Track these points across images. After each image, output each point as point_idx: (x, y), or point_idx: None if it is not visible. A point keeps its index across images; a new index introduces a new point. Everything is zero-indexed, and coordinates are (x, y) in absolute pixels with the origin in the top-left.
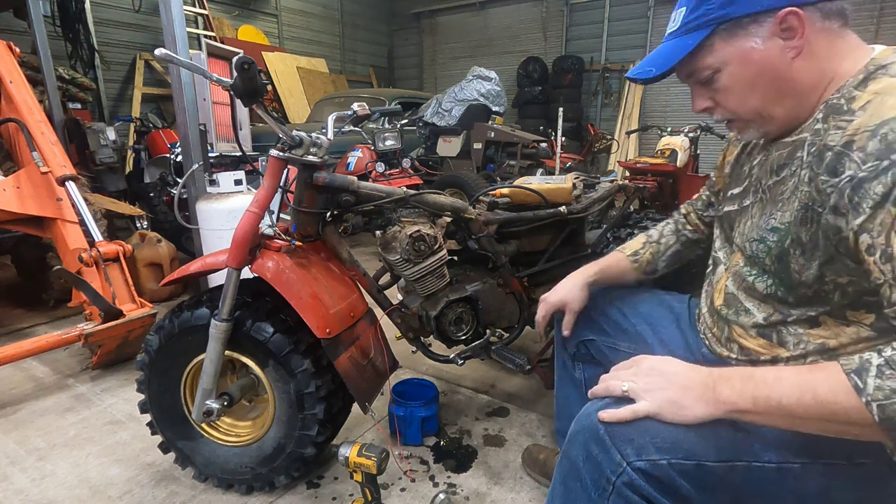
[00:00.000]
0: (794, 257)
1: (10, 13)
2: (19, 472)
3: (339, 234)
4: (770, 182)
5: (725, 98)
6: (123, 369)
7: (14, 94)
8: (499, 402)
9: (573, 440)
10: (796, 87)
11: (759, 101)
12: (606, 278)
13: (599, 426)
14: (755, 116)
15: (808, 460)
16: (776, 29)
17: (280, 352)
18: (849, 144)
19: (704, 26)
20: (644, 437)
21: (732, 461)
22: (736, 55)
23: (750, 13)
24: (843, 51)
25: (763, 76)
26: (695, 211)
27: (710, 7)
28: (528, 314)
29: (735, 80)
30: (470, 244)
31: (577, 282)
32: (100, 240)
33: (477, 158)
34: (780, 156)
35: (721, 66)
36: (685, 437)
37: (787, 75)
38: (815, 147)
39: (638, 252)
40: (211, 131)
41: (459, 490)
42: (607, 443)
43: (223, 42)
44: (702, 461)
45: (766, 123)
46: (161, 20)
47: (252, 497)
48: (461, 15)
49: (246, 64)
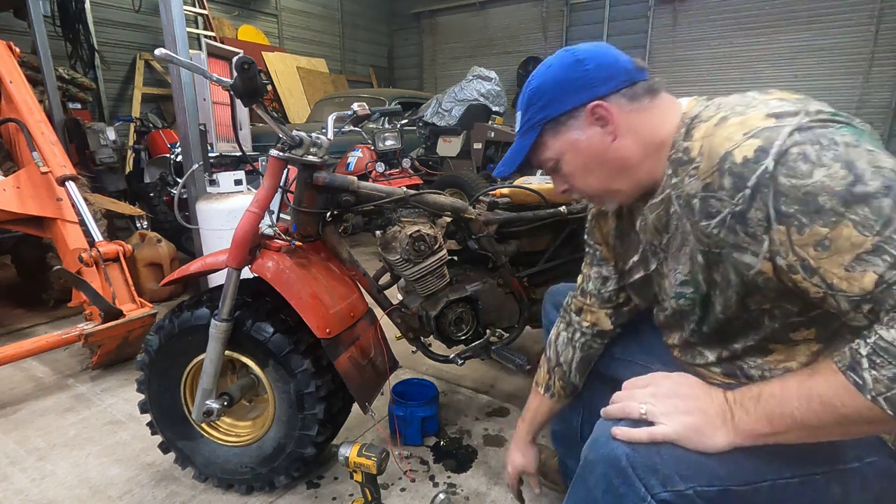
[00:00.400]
0: (715, 298)
1: (10, 13)
2: (19, 472)
3: (339, 234)
4: (663, 241)
5: (572, 182)
6: (123, 369)
7: (14, 94)
8: (499, 402)
9: (590, 468)
10: (627, 162)
11: (599, 181)
12: (542, 424)
13: (621, 456)
14: (602, 193)
15: (827, 468)
16: (591, 120)
17: (280, 352)
18: (708, 187)
19: (535, 127)
20: (668, 466)
21: (757, 482)
22: (566, 147)
23: (565, 111)
24: (661, 116)
25: (594, 160)
26: (590, 299)
27: (534, 111)
28: (529, 314)
29: (572, 167)
30: (470, 244)
31: (521, 447)
32: (100, 240)
33: (477, 158)
34: (657, 216)
35: (558, 157)
36: (708, 463)
37: (614, 155)
38: (681, 199)
39: (549, 385)
40: (211, 131)
41: (459, 490)
42: (630, 474)
43: (223, 42)
44: (727, 486)
45: (614, 196)
46: (161, 20)
47: (252, 497)
48: (461, 15)
49: (246, 64)
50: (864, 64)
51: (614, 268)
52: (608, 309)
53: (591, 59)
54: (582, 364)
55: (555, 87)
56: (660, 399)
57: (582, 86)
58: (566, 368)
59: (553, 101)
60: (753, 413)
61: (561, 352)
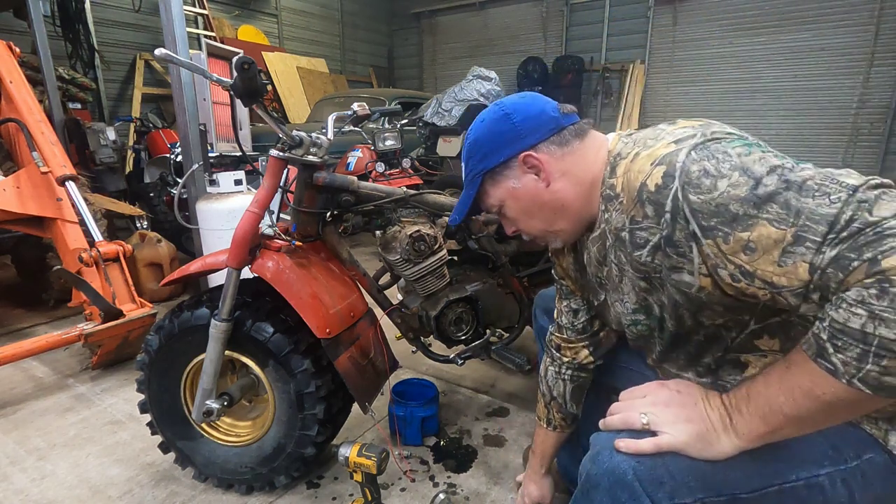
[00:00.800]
0: (667, 321)
1: (10, 13)
2: (19, 472)
3: (339, 234)
4: (604, 273)
5: (517, 225)
6: (123, 369)
7: (14, 94)
8: (499, 402)
9: (594, 483)
10: (564, 203)
11: (541, 223)
12: (552, 455)
13: (627, 470)
14: (545, 234)
15: (830, 469)
16: (524, 169)
17: (280, 352)
18: (633, 220)
19: (476, 179)
20: (675, 478)
21: (764, 488)
22: (505, 195)
23: (499, 163)
24: (591, 156)
25: (532, 204)
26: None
27: (473, 163)
28: (529, 314)
29: (514, 212)
30: (470, 244)
31: (537, 479)
32: (100, 240)
33: None
34: (598, 249)
35: (500, 204)
36: (714, 472)
37: (551, 198)
38: (611, 233)
39: (550, 419)
40: (211, 131)
41: (459, 490)
42: (637, 489)
43: (223, 42)
44: (735, 494)
45: (557, 235)
46: (161, 20)
47: (252, 497)
48: (461, 15)
49: (246, 64)
50: (864, 64)
51: (582, 299)
52: (585, 341)
53: (518, 113)
54: (575, 394)
55: (488, 141)
56: (660, 408)
57: (511, 139)
58: (561, 401)
59: (488, 154)
60: (748, 414)
61: (552, 386)
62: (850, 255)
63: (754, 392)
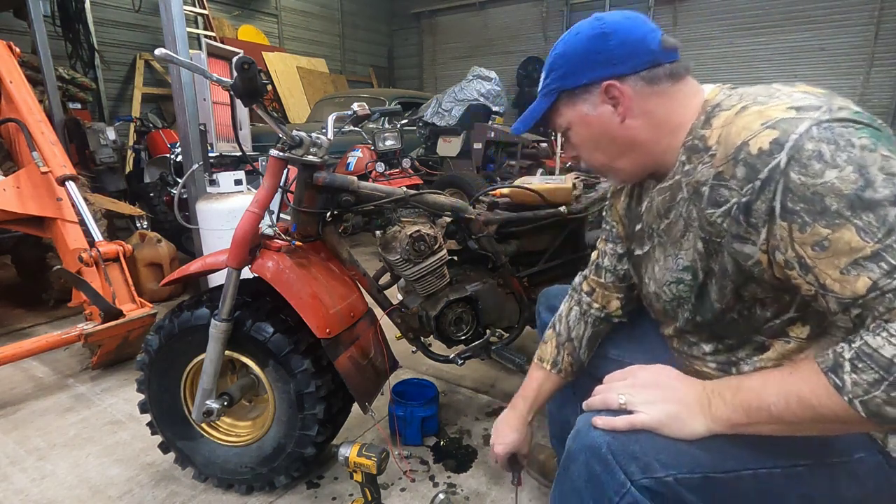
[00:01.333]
0: (711, 287)
1: (10, 13)
2: (19, 472)
3: (339, 234)
4: (662, 225)
5: (580, 152)
6: (123, 369)
7: (14, 94)
8: (499, 402)
9: (573, 458)
10: (634, 143)
11: (603, 157)
12: (543, 402)
13: (602, 444)
14: (604, 169)
15: (811, 461)
16: (604, 98)
17: (280, 352)
18: (719, 176)
19: (551, 94)
20: (648, 454)
21: (739, 470)
22: (576, 119)
23: (580, 85)
24: (680, 102)
25: (601, 136)
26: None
27: (553, 77)
28: (529, 314)
29: (579, 139)
30: (470, 244)
31: (516, 426)
32: (100, 240)
33: (477, 158)
34: (663, 200)
35: (568, 127)
36: (689, 451)
37: (622, 134)
38: (689, 185)
39: (557, 360)
40: (211, 131)
41: (459, 490)
42: (610, 461)
43: (223, 42)
44: (708, 473)
45: (616, 174)
46: (161, 20)
47: (252, 497)
48: (461, 15)
49: (246, 64)
50: (864, 64)
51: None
52: (621, 292)
53: (616, 35)
54: (591, 340)
55: (575, 58)
56: (638, 389)
57: (601, 62)
58: (576, 344)
59: (571, 73)
60: (731, 403)
61: (573, 327)
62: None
63: (746, 386)
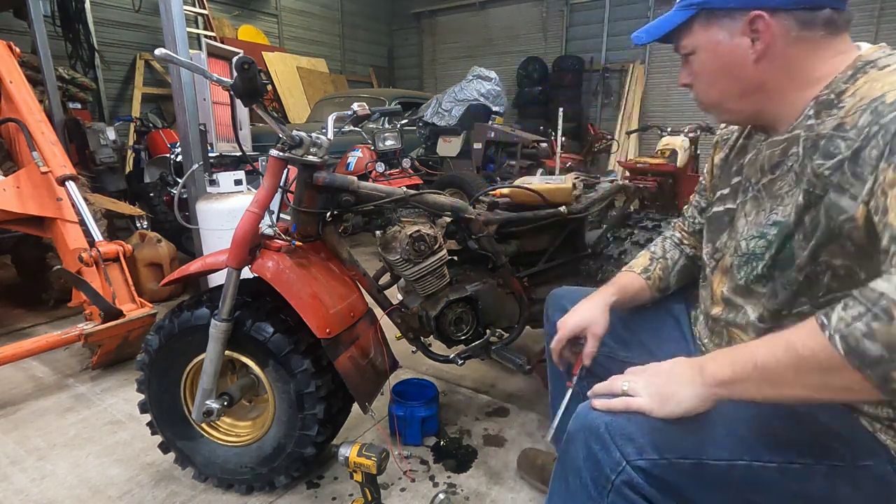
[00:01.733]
0: (793, 243)
1: (10, 13)
2: (19, 472)
3: (339, 234)
4: (764, 180)
5: (696, 81)
6: (123, 369)
7: (14, 94)
8: (499, 402)
9: (573, 438)
10: (760, 87)
11: (718, 94)
12: (625, 299)
13: (600, 424)
14: (714, 106)
15: (810, 461)
16: (745, 28)
17: (280, 352)
18: (840, 126)
19: (690, 8)
20: (644, 436)
21: (733, 460)
22: (707, 43)
23: (725, 7)
24: (827, 57)
25: (727, 71)
26: (687, 227)
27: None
28: (529, 314)
29: (702, 67)
30: (470, 244)
31: (598, 303)
32: (100, 240)
33: (477, 158)
34: (772, 154)
35: (695, 50)
36: (685, 436)
37: (750, 75)
38: (808, 139)
39: (648, 269)
40: (211, 131)
41: (459, 490)
42: (607, 441)
43: (223, 42)
44: (702, 460)
45: (723, 114)
46: (161, 20)
47: (252, 497)
48: (461, 15)
49: (246, 64)
50: None
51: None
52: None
53: None
54: (683, 270)
55: None
56: (641, 376)
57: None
58: (670, 264)
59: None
60: (720, 359)
61: (669, 249)
62: None
63: (742, 346)
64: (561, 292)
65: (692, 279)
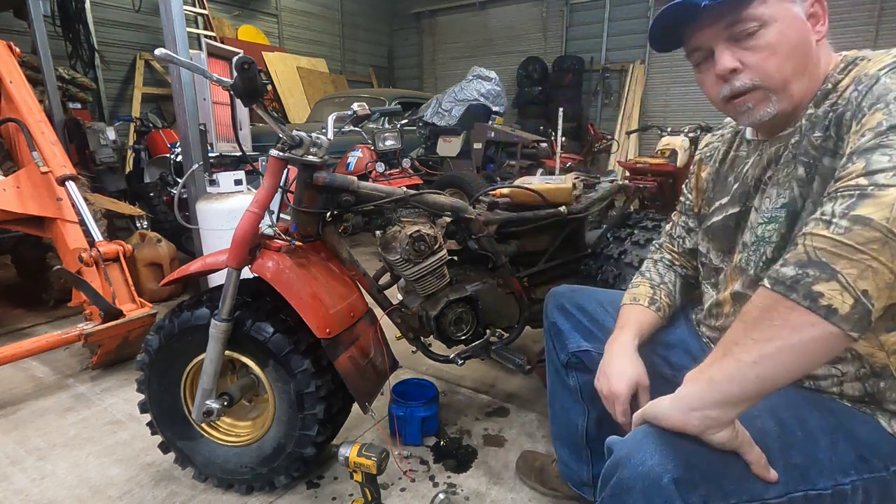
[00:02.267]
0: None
1: (10, 13)
2: (19, 472)
3: (339, 234)
4: (769, 174)
5: (764, 58)
6: (123, 369)
7: (14, 94)
8: (499, 402)
9: (627, 487)
10: (812, 69)
11: (791, 70)
12: (647, 334)
13: (663, 474)
14: (782, 87)
15: (856, 477)
16: (808, 8)
17: (280, 352)
18: (834, 105)
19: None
20: (711, 482)
21: (791, 493)
22: (786, 15)
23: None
24: (827, 55)
25: (800, 46)
26: (676, 247)
27: None
28: (529, 314)
29: (782, 39)
30: (470, 244)
31: (629, 354)
32: (100, 240)
33: (477, 158)
34: (777, 149)
35: (770, 21)
36: (747, 475)
37: (812, 54)
38: (808, 123)
39: (654, 299)
40: (211, 131)
41: (459, 490)
42: (672, 493)
43: (223, 42)
44: (765, 499)
45: (783, 100)
46: (161, 20)
47: (252, 497)
48: (461, 15)
49: (246, 64)
50: None
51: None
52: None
53: None
54: (683, 290)
55: None
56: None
57: None
58: (671, 287)
59: None
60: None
61: (663, 273)
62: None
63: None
64: (560, 290)
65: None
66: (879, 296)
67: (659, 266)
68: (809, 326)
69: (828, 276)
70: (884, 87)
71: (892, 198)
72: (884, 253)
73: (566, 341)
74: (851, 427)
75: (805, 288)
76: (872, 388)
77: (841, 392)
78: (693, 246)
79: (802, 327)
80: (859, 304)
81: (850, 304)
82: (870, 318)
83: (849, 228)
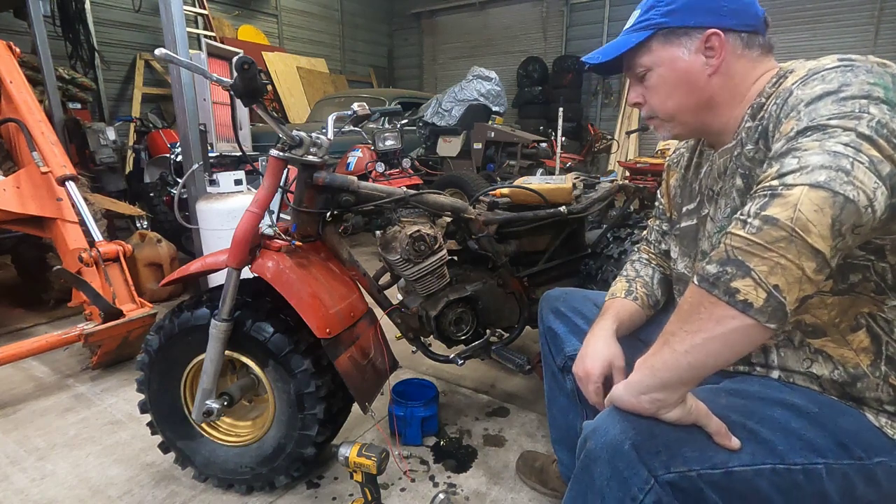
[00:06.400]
0: None
1: (10, 13)
2: (19, 472)
3: (339, 234)
4: (719, 185)
5: (651, 96)
6: (123, 369)
7: (14, 94)
8: (499, 402)
9: (594, 457)
10: (710, 100)
11: (675, 106)
12: (623, 324)
13: (623, 441)
14: (669, 118)
15: (831, 460)
16: (701, 46)
17: (280, 352)
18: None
19: (648, 29)
20: (671, 448)
21: (759, 465)
22: (666, 60)
23: (683, 26)
24: (760, 73)
25: (683, 84)
26: (653, 249)
27: (655, 13)
28: (529, 314)
29: (661, 81)
30: (470, 244)
31: (605, 337)
32: (100, 240)
33: (477, 158)
34: (724, 161)
35: (653, 66)
36: (711, 444)
37: (704, 88)
38: (744, 137)
39: (630, 290)
40: (211, 131)
41: (459, 490)
42: (633, 458)
43: (223, 42)
44: (730, 468)
45: (675, 127)
46: (161, 20)
47: (252, 497)
48: (461, 15)
49: (246, 64)
50: None
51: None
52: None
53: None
54: (663, 281)
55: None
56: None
57: (712, 9)
58: (647, 279)
59: (679, 10)
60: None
61: (639, 269)
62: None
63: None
64: (555, 293)
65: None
66: (790, 289)
67: (636, 264)
68: (730, 319)
69: (743, 272)
70: (795, 98)
71: (796, 197)
72: (790, 250)
73: (562, 345)
74: (834, 416)
75: (725, 284)
76: (850, 389)
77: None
78: (668, 248)
79: (724, 319)
80: (772, 297)
81: (763, 298)
82: (784, 310)
83: (760, 228)
